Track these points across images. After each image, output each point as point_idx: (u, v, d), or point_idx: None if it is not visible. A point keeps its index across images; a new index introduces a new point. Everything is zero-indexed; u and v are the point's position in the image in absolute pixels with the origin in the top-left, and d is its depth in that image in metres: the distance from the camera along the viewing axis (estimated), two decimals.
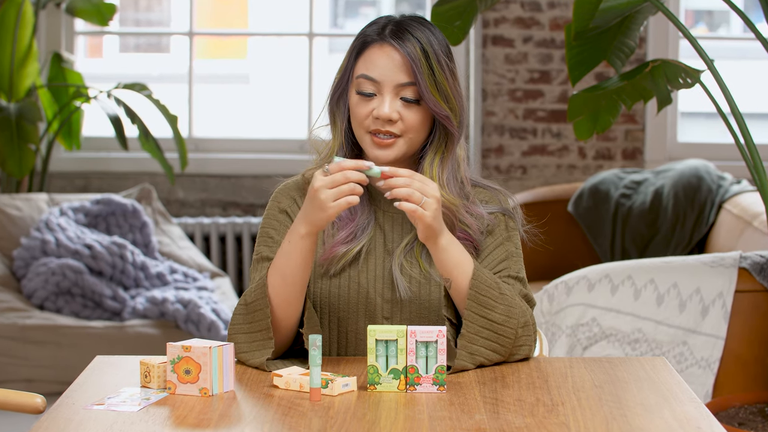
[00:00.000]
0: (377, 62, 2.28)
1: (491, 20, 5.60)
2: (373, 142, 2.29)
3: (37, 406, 2.25)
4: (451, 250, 2.23)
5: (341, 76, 2.34)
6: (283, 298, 2.23)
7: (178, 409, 1.98)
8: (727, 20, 6.84)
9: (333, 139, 2.36)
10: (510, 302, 2.26)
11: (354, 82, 2.31)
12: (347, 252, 2.32)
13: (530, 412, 1.97)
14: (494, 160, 5.68)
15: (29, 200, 5.22)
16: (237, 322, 2.28)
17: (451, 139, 2.32)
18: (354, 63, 2.31)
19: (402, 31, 2.28)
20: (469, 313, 2.22)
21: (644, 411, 1.98)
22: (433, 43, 2.29)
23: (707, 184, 4.93)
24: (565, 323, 3.69)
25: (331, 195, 2.13)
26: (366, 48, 2.30)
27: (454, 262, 2.23)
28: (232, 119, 6.83)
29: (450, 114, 2.29)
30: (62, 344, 4.68)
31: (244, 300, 2.27)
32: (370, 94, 2.28)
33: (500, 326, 2.24)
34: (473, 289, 2.22)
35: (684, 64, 3.45)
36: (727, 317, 3.60)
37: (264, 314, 2.23)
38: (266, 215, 2.38)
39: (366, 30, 2.33)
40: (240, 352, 2.26)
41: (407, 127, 2.29)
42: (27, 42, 5.31)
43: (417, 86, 2.27)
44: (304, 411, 1.97)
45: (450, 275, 2.24)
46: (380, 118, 2.27)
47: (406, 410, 1.98)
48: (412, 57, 2.26)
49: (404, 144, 2.30)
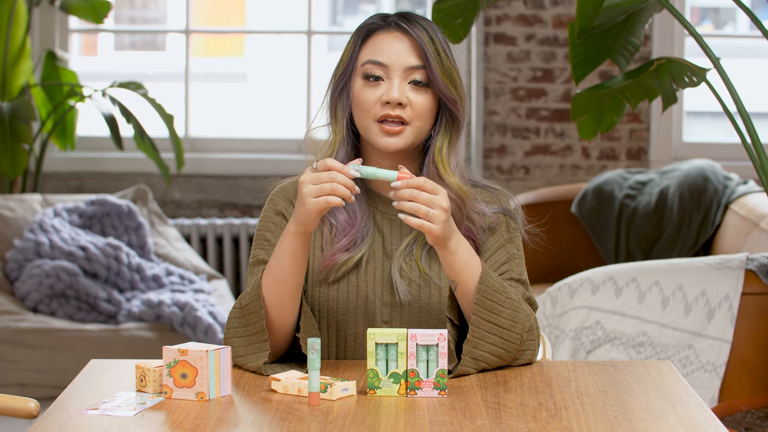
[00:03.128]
0: (385, 47, 2.29)
1: (493, 18, 5.62)
2: (382, 130, 2.29)
3: (31, 410, 2.26)
4: (460, 253, 2.22)
5: (344, 68, 2.33)
6: (276, 299, 2.22)
7: (174, 414, 1.99)
8: (733, 18, 6.90)
9: (334, 135, 2.36)
10: (516, 307, 2.26)
11: (359, 70, 2.31)
12: (348, 260, 2.33)
13: (533, 416, 1.97)
14: (496, 160, 5.69)
15: (22, 201, 5.22)
16: (232, 326, 2.27)
17: (457, 125, 2.33)
18: (359, 51, 2.32)
19: (407, 18, 2.32)
20: (476, 318, 2.22)
21: (649, 416, 1.98)
22: (436, 31, 2.32)
23: (713, 185, 4.94)
24: (568, 326, 3.70)
25: (313, 190, 2.13)
26: (371, 35, 2.32)
27: (462, 264, 2.22)
28: (229, 118, 6.89)
29: (457, 98, 2.31)
30: (56, 348, 4.69)
31: (239, 303, 2.27)
32: (378, 77, 2.27)
33: (506, 331, 2.24)
34: (480, 293, 2.22)
35: (689, 62, 3.47)
36: (734, 320, 3.59)
37: (259, 316, 2.22)
38: (262, 218, 2.38)
39: (368, 21, 2.35)
40: (237, 356, 2.26)
41: (415, 113, 2.28)
42: (20, 40, 5.32)
43: (427, 69, 2.28)
44: (302, 416, 1.97)
45: (457, 278, 2.23)
46: (390, 102, 2.27)
47: (407, 415, 1.98)
48: (421, 40, 2.28)
49: (411, 133, 2.30)
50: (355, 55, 2.31)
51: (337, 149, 2.35)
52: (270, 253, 2.31)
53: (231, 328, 2.26)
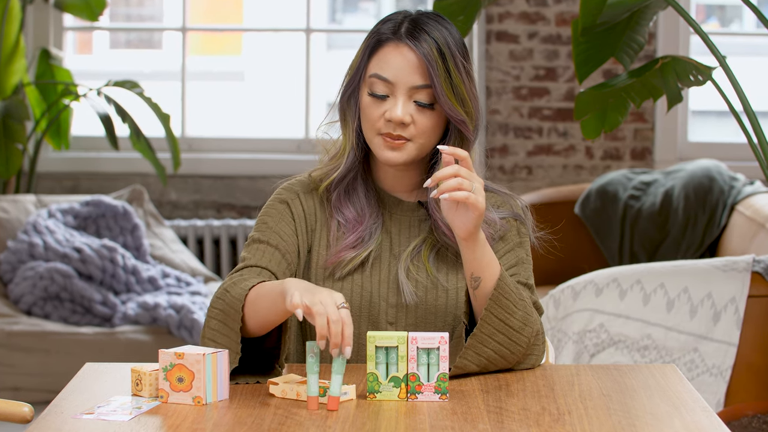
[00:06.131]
0: (391, 62, 2.27)
1: (495, 15, 5.64)
2: (384, 143, 2.29)
3: (25, 415, 2.26)
4: (487, 246, 2.22)
5: (353, 75, 2.33)
6: (253, 323, 2.15)
7: (170, 418, 1.99)
8: (739, 15, 7.00)
9: (344, 140, 2.37)
10: (528, 310, 2.27)
11: (366, 82, 2.30)
12: (354, 257, 2.33)
13: (536, 421, 1.96)
14: (498, 160, 5.71)
15: (16, 202, 5.22)
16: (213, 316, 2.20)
17: (467, 143, 2.32)
18: (367, 62, 2.31)
19: (418, 30, 2.27)
20: (488, 314, 2.21)
21: (654, 420, 1.98)
22: (450, 44, 2.28)
23: (719, 185, 4.95)
24: (571, 329, 3.70)
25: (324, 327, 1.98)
26: (380, 46, 2.30)
27: (489, 258, 2.22)
28: (226, 118, 7.01)
29: (466, 119, 2.29)
30: (50, 351, 4.69)
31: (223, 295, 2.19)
32: (383, 96, 2.28)
33: (516, 333, 2.24)
34: (498, 290, 2.21)
35: (695, 60, 3.48)
36: (740, 323, 3.59)
37: (235, 319, 2.15)
38: (266, 205, 2.39)
39: (380, 27, 2.32)
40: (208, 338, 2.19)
41: (418, 131, 2.28)
42: (14, 38, 5.32)
43: (432, 89, 2.26)
44: (300, 420, 1.96)
45: (482, 273, 2.22)
46: (392, 121, 2.27)
47: (407, 420, 1.97)
48: (428, 58, 2.25)
49: (414, 149, 2.29)
50: (363, 64, 2.30)
51: (347, 154, 2.35)
52: (266, 235, 2.31)
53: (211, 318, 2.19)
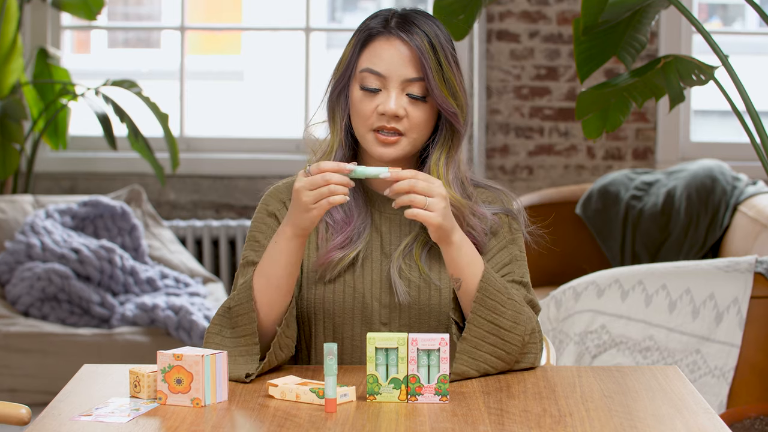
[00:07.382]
0: (383, 55, 2.27)
1: (496, 14, 5.65)
2: (377, 139, 2.29)
3: (22, 417, 2.27)
4: (465, 248, 2.22)
5: (343, 71, 2.32)
6: (265, 302, 2.22)
7: (169, 420, 1.99)
8: (742, 14, 7.02)
9: (332, 137, 2.37)
10: (518, 308, 2.26)
11: (357, 77, 2.30)
12: (343, 257, 2.32)
13: (537, 423, 1.97)
14: (499, 160, 5.71)
15: (13, 202, 5.22)
16: (214, 331, 2.25)
17: (457, 137, 2.33)
18: (357, 56, 2.30)
19: (408, 24, 2.29)
20: (475, 317, 2.21)
21: (656, 422, 1.98)
22: (440, 36, 2.30)
23: (721, 186, 4.95)
24: (573, 330, 3.69)
25: (312, 197, 2.13)
26: (371, 41, 2.30)
27: (467, 260, 2.22)
28: (225, 118, 7.02)
29: (458, 111, 2.29)
30: (48, 352, 4.68)
31: (228, 304, 2.25)
32: (375, 89, 2.27)
33: (507, 332, 2.23)
34: (481, 291, 2.21)
35: (697, 60, 3.46)
36: (743, 324, 3.58)
37: (250, 318, 2.22)
38: (255, 218, 2.39)
39: (369, 22, 2.33)
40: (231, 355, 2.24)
41: (412, 125, 2.28)
42: (11, 37, 5.32)
43: (425, 81, 2.27)
44: (300, 422, 1.97)
45: (461, 275, 2.22)
46: (386, 114, 2.27)
47: (407, 421, 1.97)
48: (421, 50, 2.26)
49: (407, 144, 2.30)
50: (354, 59, 2.30)
51: (335, 152, 2.35)
52: (260, 255, 2.32)
53: (213, 333, 2.23)
